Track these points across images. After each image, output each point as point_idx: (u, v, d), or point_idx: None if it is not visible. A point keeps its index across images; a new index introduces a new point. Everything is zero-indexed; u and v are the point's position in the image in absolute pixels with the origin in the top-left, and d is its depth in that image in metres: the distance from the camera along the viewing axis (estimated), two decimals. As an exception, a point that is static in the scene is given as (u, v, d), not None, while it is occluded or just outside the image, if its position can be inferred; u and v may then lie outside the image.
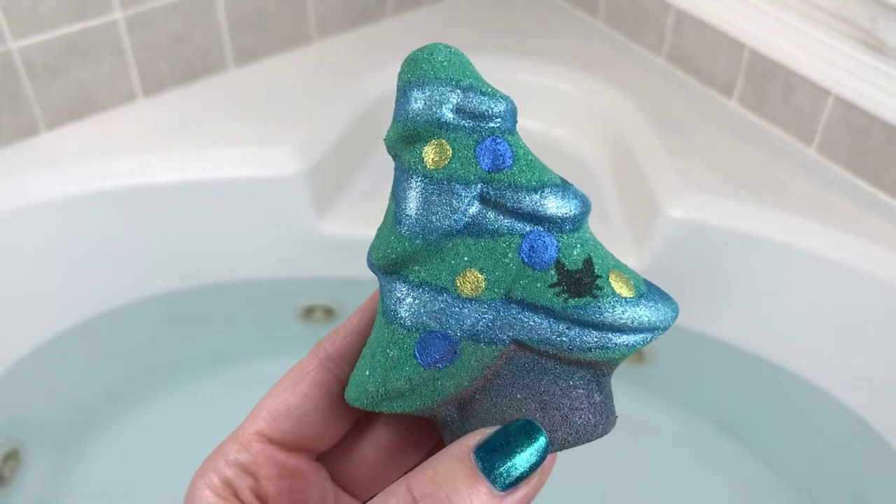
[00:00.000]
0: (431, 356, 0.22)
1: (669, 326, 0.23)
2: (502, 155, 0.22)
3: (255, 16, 0.81)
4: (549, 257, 0.22)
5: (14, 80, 0.71)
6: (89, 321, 0.76)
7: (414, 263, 0.23)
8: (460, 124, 0.23)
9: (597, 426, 0.23)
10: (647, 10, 0.84)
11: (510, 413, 0.22)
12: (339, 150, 0.78)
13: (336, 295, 0.82)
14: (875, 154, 0.70)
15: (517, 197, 0.22)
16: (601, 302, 0.22)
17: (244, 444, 0.24)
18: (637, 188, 0.75)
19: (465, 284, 0.22)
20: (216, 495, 0.23)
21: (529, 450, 0.21)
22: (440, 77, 0.23)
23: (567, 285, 0.22)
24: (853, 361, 0.70)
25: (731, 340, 0.74)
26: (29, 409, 0.75)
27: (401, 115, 0.23)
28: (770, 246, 0.68)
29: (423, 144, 0.23)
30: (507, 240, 0.22)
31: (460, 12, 0.92)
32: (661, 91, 0.82)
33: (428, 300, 0.22)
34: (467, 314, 0.22)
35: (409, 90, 0.23)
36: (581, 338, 0.22)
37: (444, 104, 0.23)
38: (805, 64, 0.71)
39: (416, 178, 0.23)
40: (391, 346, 0.23)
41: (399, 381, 0.22)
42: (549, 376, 0.22)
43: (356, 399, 0.23)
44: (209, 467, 0.24)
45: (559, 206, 0.22)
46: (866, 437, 0.70)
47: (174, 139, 0.75)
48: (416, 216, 0.22)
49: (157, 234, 0.75)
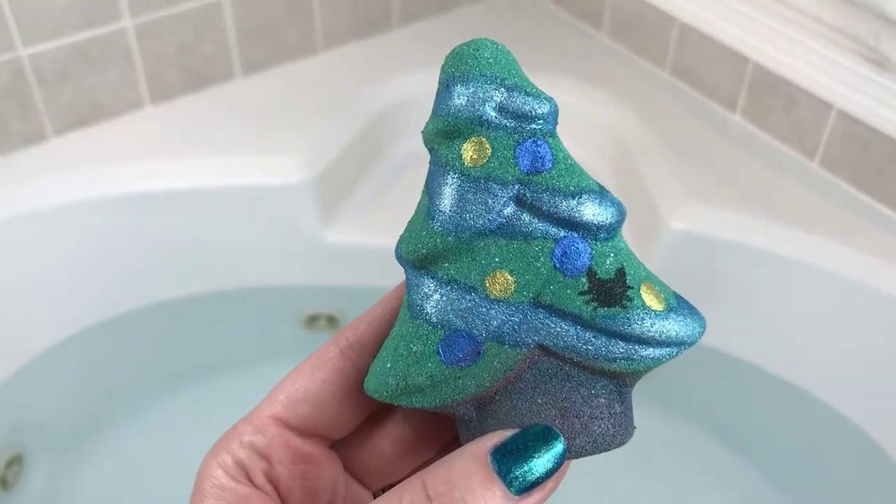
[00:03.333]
0: (455, 354, 0.22)
1: (696, 342, 0.23)
2: (542, 157, 0.22)
3: (263, 25, 0.82)
4: (582, 264, 0.22)
5: (23, 86, 0.71)
6: (94, 327, 0.76)
7: (444, 260, 0.22)
8: (502, 123, 0.22)
9: (615, 436, 0.22)
10: (651, 23, 0.85)
11: (529, 417, 0.22)
12: (344, 159, 0.78)
13: (340, 303, 0.82)
14: (877, 168, 0.70)
15: (554, 201, 0.22)
16: (630, 313, 0.22)
17: (259, 427, 0.24)
18: (640, 200, 0.75)
19: (495, 285, 0.22)
20: (228, 476, 0.23)
21: (547, 455, 0.21)
22: (485, 74, 0.22)
23: (597, 294, 0.22)
24: (855, 374, 0.70)
25: (732, 352, 0.75)
26: (32, 415, 0.75)
27: (442, 110, 0.23)
28: (772, 259, 0.69)
29: (463, 141, 0.22)
30: (540, 243, 0.22)
31: (465, 25, 0.93)
32: (665, 104, 0.82)
33: (455, 298, 0.22)
34: (494, 315, 0.22)
35: (453, 85, 0.23)
36: (607, 348, 0.22)
37: (488, 102, 0.22)
38: (808, 78, 0.72)
39: (452, 174, 0.22)
40: (415, 341, 0.22)
41: (420, 377, 0.22)
42: (571, 383, 0.22)
43: (375, 390, 0.23)
44: (222, 447, 0.24)
45: (596, 214, 0.22)
46: (868, 450, 0.70)
47: (181, 147, 0.75)
48: (449, 213, 0.22)
49: (162, 241, 0.75)
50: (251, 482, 0.23)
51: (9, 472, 0.71)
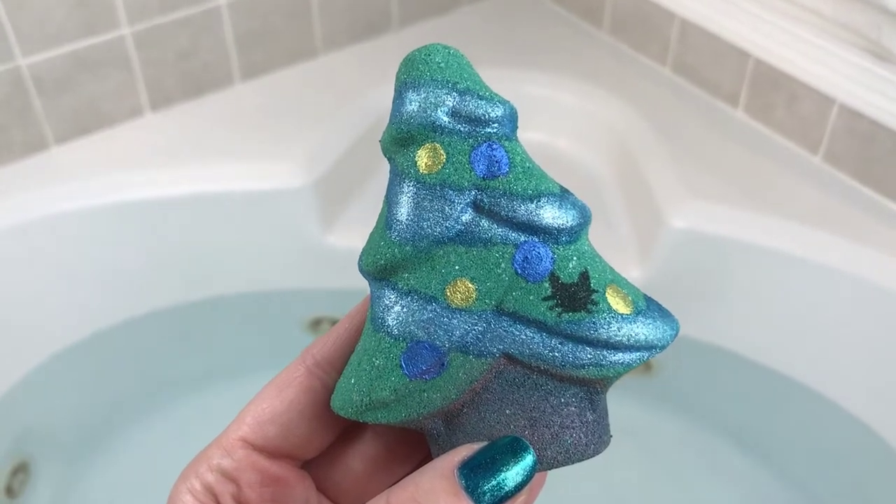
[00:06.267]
0: (418, 367, 0.21)
1: (668, 345, 0.22)
2: (498, 161, 0.22)
3: (262, 30, 0.82)
4: (544, 269, 0.21)
5: (23, 95, 0.71)
6: (97, 334, 0.76)
7: (403, 270, 0.22)
8: (455, 128, 0.22)
9: (588, 446, 0.22)
10: (652, 20, 0.84)
11: (498, 429, 0.21)
12: (345, 163, 0.78)
13: (343, 307, 0.82)
14: (881, 162, 0.69)
15: (512, 205, 0.21)
16: (596, 318, 0.21)
17: (227, 450, 0.23)
18: (642, 198, 0.75)
19: (456, 294, 0.21)
20: (196, 500, 0.23)
21: (516, 468, 0.20)
22: (436, 79, 0.22)
23: (561, 299, 0.21)
24: (859, 370, 0.69)
25: (736, 350, 0.74)
26: (38, 423, 0.76)
27: (395, 117, 0.22)
28: (776, 255, 0.68)
29: (417, 148, 0.22)
30: (500, 249, 0.21)
31: (465, 25, 0.92)
32: (666, 101, 0.82)
33: (416, 309, 0.22)
34: (456, 325, 0.21)
35: (405, 91, 0.22)
36: (574, 354, 0.21)
37: (440, 107, 0.22)
38: (810, 73, 0.71)
39: (408, 182, 0.22)
40: (377, 355, 0.22)
41: (384, 392, 0.22)
42: (539, 392, 0.21)
43: (341, 407, 0.23)
44: (192, 472, 0.23)
45: (555, 217, 0.21)
46: (874, 447, 0.69)
47: (181, 153, 0.75)
48: (406, 222, 0.22)
49: (164, 248, 0.75)
50: None
51: (14, 479, 0.72)
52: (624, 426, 0.54)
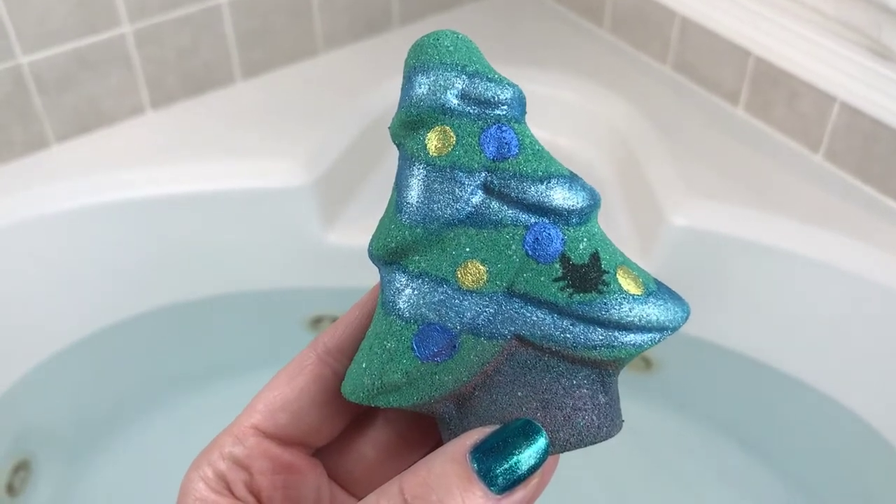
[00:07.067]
0: (430, 349, 0.21)
1: (679, 327, 0.22)
2: (507, 143, 0.22)
3: (262, 29, 0.82)
4: (554, 250, 0.21)
5: (24, 94, 0.71)
6: (98, 333, 0.77)
7: (414, 253, 0.22)
8: (465, 111, 0.22)
9: (601, 428, 0.22)
10: (652, 18, 0.84)
11: (510, 411, 0.21)
12: (345, 161, 0.78)
13: (344, 305, 0.82)
14: (882, 160, 0.69)
15: (522, 187, 0.21)
16: (607, 298, 0.21)
17: (239, 438, 0.24)
18: (642, 196, 0.75)
19: (467, 276, 0.21)
20: (209, 488, 0.23)
21: (528, 451, 0.20)
22: (445, 62, 0.22)
23: (572, 280, 0.21)
24: (860, 369, 0.69)
25: (736, 348, 0.74)
26: (39, 421, 0.76)
27: (405, 101, 0.22)
28: (776, 253, 0.68)
29: (427, 131, 0.22)
30: (510, 231, 0.21)
31: (466, 23, 0.92)
32: (667, 99, 0.82)
33: (427, 291, 0.22)
34: (468, 307, 0.21)
35: (414, 75, 0.22)
36: (586, 335, 0.21)
37: (449, 89, 0.22)
38: (810, 70, 0.71)
39: (418, 165, 0.22)
40: (389, 338, 0.22)
41: (396, 375, 0.22)
42: (551, 374, 0.21)
43: (352, 392, 0.23)
44: (204, 459, 0.23)
45: (566, 198, 0.22)
46: (874, 444, 0.69)
47: (182, 151, 0.75)
48: (417, 204, 0.22)
49: (164, 246, 0.75)
50: (232, 494, 0.23)
51: (16, 477, 0.72)
52: (623, 424, 0.54)
